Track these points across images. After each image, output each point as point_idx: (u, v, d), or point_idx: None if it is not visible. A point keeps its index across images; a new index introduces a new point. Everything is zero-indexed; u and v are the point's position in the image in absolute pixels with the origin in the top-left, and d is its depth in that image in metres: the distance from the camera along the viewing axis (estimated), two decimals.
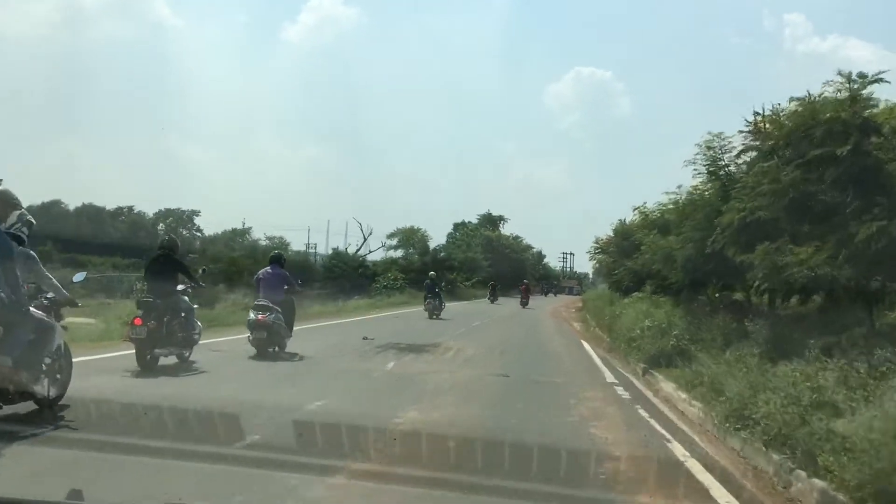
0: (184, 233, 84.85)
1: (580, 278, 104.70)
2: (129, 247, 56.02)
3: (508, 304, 43.06)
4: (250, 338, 11.73)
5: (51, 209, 71.61)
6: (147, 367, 9.52)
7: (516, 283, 64.62)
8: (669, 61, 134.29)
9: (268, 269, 12.87)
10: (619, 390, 10.67)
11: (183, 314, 10.38)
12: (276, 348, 12.05)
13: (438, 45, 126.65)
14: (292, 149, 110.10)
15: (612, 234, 32.59)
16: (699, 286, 15.93)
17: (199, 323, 10.92)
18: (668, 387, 10.44)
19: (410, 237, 59.07)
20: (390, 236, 62.19)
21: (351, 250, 55.44)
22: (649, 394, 10.59)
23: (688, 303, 17.81)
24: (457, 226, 73.29)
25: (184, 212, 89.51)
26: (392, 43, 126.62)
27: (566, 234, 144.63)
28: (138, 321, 9.55)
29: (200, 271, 12.34)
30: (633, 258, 26.74)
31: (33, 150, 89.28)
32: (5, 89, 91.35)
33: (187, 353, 10.50)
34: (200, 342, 10.94)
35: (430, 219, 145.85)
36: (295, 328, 13.07)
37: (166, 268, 10.56)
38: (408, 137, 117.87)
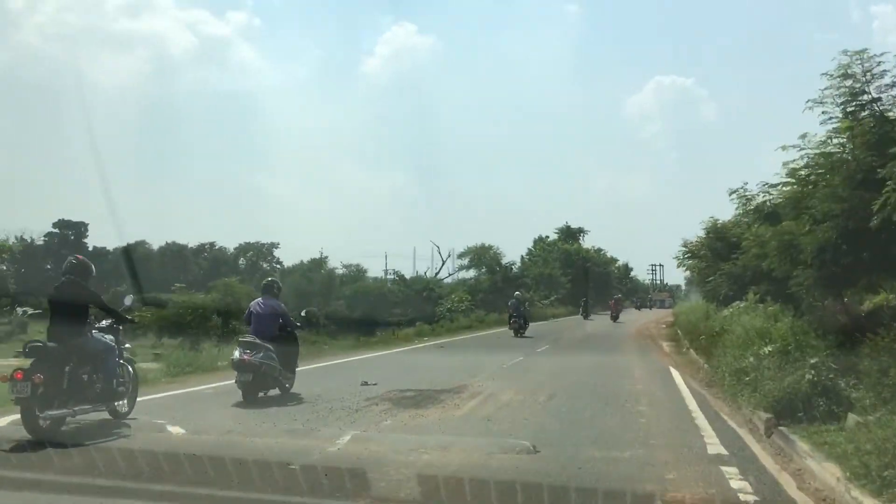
0: (264, 266, 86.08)
1: (672, 290, 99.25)
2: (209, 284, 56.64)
3: (597, 321, 38.43)
4: (237, 380, 10.11)
5: (136, 249, 73.59)
6: (37, 433, 7.20)
7: (601, 298, 60.06)
8: (753, 63, 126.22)
9: (259, 300, 11.08)
10: (732, 475, 6.01)
11: (97, 360, 8.12)
12: (267, 392, 10.34)
13: (513, 66, 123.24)
14: (373, 178, 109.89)
15: (703, 234, 27.56)
16: (836, 286, 11.03)
17: (130, 369, 8.75)
18: (822, 470, 5.75)
19: (482, 255, 54.76)
20: (461, 256, 58.38)
21: (430, 274, 53.34)
22: (788, 482, 5.91)
23: (813, 312, 13.01)
24: (536, 242, 68.43)
25: (263, 245, 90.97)
26: (467, 67, 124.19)
27: (653, 245, 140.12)
28: (19, 375, 7.24)
29: (303, 314, 12.85)
30: (730, 260, 21.95)
31: (122, 194, 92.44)
32: (95, 138, 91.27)
33: (122, 408, 8.50)
34: None
35: (510, 239, 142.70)
36: (315, 365, 12.17)
37: (72, 300, 8.16)
38: (486, 158, 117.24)
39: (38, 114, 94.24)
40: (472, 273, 51.51)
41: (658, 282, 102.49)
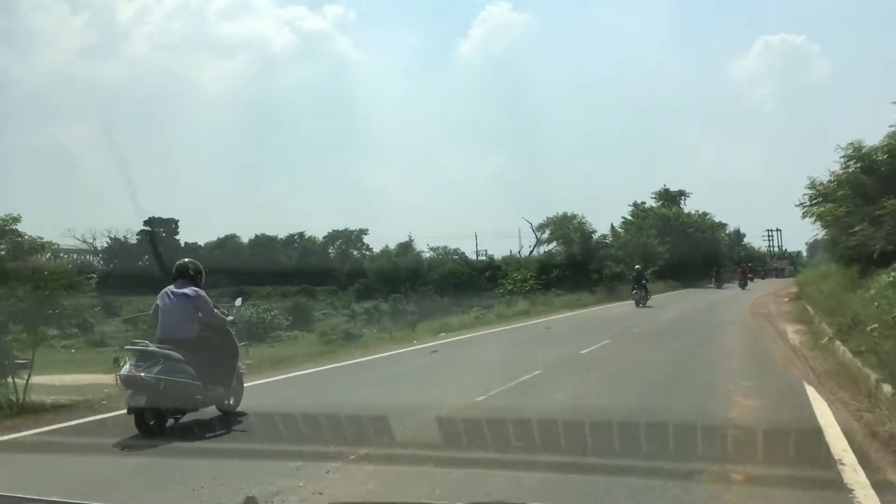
0: (354, 253, 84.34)
1: (792, 257, 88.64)
2: (302, 273, 58.30)
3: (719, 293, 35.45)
4: (127, 404, 7.41)
5: (226, 244, 75.43)
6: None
7: (709, 269, 51.72)
8: (869, 12, 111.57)
9: (169, 288, 8.13)
10: None
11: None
12: (179, 418, 7.62)
13: (611, 37, 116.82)
14: (470, 160, 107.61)
15: (840, 167, 19.53)
16: None
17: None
18: None
19: (565, 226, 47.38)
20: (541, 228, 51.19)
21: (524, 253, 48.81)
22: None
23: None
24: (631, 209, 59.91)
25: (352, 232, 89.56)
26: (564, 42, 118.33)
27: (767, 212, 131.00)
28: None
29: None
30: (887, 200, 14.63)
31: (219, 191, 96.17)
32: (193, 139, 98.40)
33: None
34: None
35: (610, 213, 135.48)
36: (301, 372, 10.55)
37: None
38: (586, 135, 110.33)
39: (150, 121, 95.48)
40: (553, 246, 44.18)
41: (776, 248, 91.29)
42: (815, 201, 19.89)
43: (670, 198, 63.46)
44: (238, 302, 10.31)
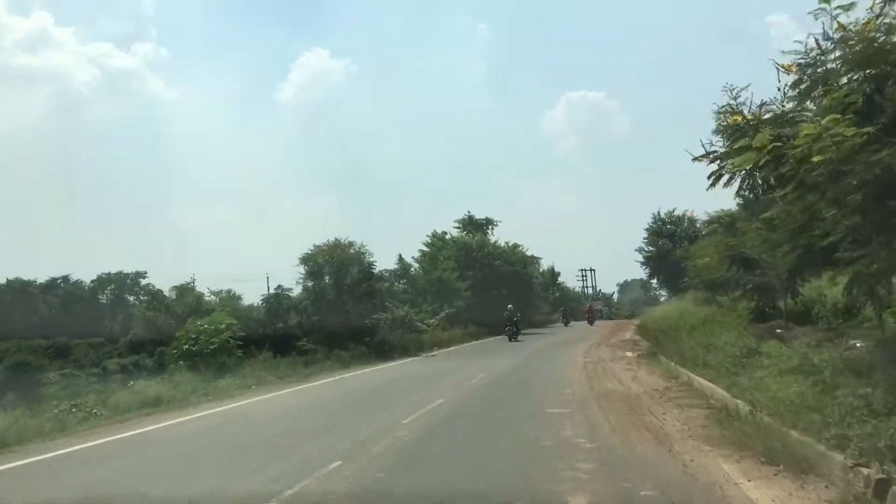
0: (130, 299, 74.43)
1: (607, 297, 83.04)
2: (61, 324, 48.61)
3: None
4: None
5: None
6: None
7: (522, 309, 41.94)
8: (661, 73, 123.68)
9: None
10: None
11: None
12: None
13: (430, 85, 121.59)
14: (286, 201, 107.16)
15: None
16: None
17: None
18: None
19: (331, 255, 34.57)
20: (307, 259, 37.70)
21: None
22: None
23: None
24: (431, 237, 48.51)
25: (127, 275, 77.51)
26: (383, 88, 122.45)
27: (578, 256, 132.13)
28: None
29: None
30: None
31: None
32: None
33: None
34: None
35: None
36: None
37: None
38: (404, 177, 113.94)
39: None
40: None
41: (590, 289, 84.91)
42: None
43: (476, 226, 53.20)
44: None
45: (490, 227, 54.41)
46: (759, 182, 8.59)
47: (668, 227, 50.51)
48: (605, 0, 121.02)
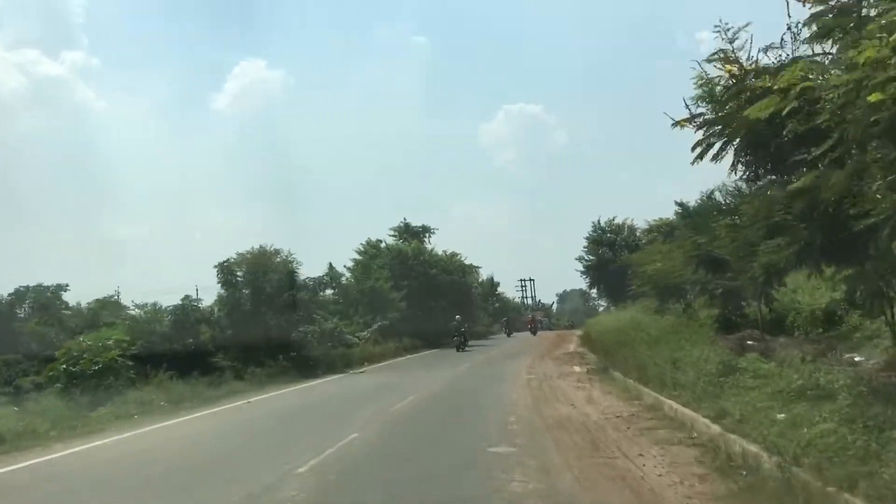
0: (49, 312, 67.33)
1: (546, 308, 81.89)
2: None
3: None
4: None
5: None
6: None
7: (462, 320, 39.73)
8: (598, 90, 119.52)
9: None
10: None
11: None
12: None
13: (366, 97, 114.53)
14: (218, 212, 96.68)
15: None
16: None
17: None
18: None
19: (255, 263, 31.44)
20: (226, 269, 34.34)
21: None
22: None
23: None
24: (364, 245, 45.83)
25: (47, 287, 70.79)
26: (321, 100, 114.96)
27: (517, 269, 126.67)
28: None
29: None
30: None
31: None
32: None
33: None
34: None
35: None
36: None
37: None
38: (342, 190, 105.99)
39: None
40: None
41: (530, 299, 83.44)
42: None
43: (412, 234, 50.82)
44: None
45: (427, 234, 52.14)
46: (778, 143, 6.41)
47: (609, 235, 49.26)
48: (543, 15, 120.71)
